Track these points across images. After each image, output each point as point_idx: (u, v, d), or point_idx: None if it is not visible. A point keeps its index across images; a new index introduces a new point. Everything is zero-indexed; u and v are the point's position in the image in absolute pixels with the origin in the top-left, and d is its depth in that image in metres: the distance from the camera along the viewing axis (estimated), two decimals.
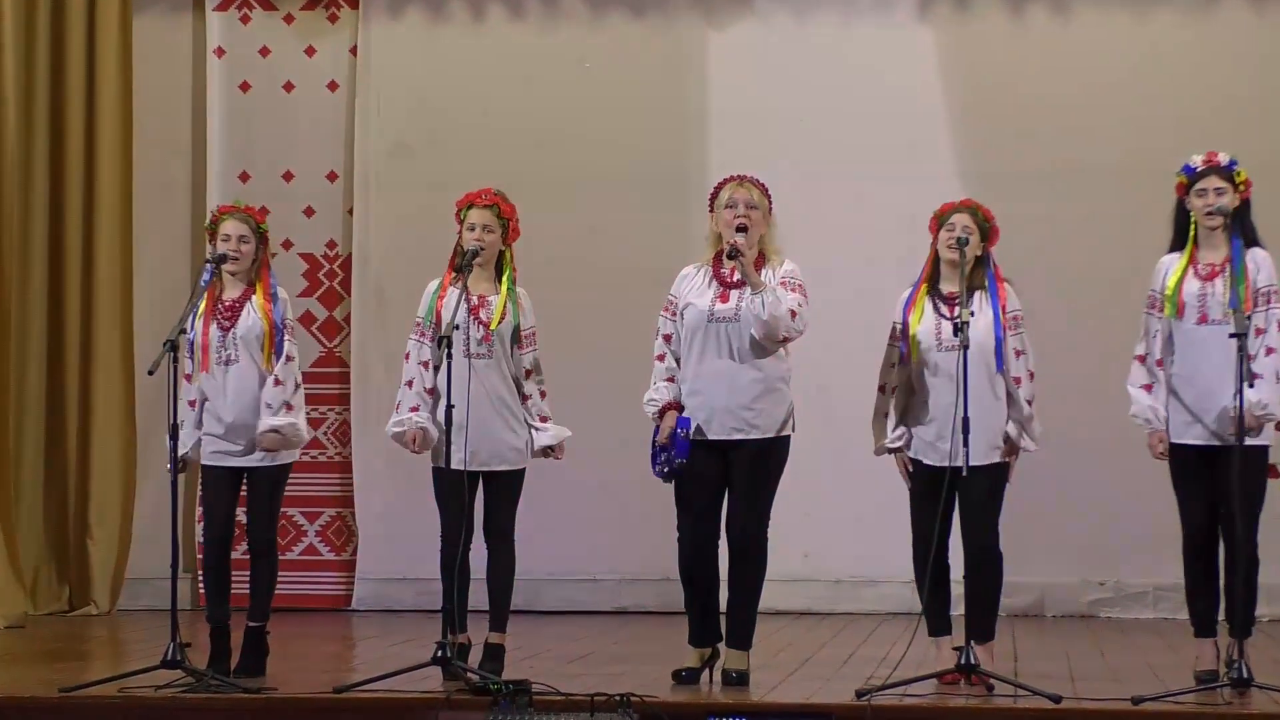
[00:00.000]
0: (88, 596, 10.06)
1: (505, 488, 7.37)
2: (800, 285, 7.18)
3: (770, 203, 7.26)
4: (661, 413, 7.17)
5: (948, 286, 7.17)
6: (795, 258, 7.33)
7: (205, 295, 7.42)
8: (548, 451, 7.52)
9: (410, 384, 7.39)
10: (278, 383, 7.35)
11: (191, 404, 7.42)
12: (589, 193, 10.03)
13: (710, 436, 7.12)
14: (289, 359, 7.39)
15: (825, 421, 9.13)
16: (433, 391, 7.33)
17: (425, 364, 7.34)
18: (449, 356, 7.03)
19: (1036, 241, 9.53)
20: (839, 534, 9.77)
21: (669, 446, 7.09)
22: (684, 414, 7.13)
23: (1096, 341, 9.44)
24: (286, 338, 7.41)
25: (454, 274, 7.40)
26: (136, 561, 10.06)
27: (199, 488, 7.59)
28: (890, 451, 7.25)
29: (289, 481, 7.53)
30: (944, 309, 7.14)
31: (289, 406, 7.36)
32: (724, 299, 7.17)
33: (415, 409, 7.35)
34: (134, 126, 10.20)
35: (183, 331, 7.20)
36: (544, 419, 7.48)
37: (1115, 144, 9.74)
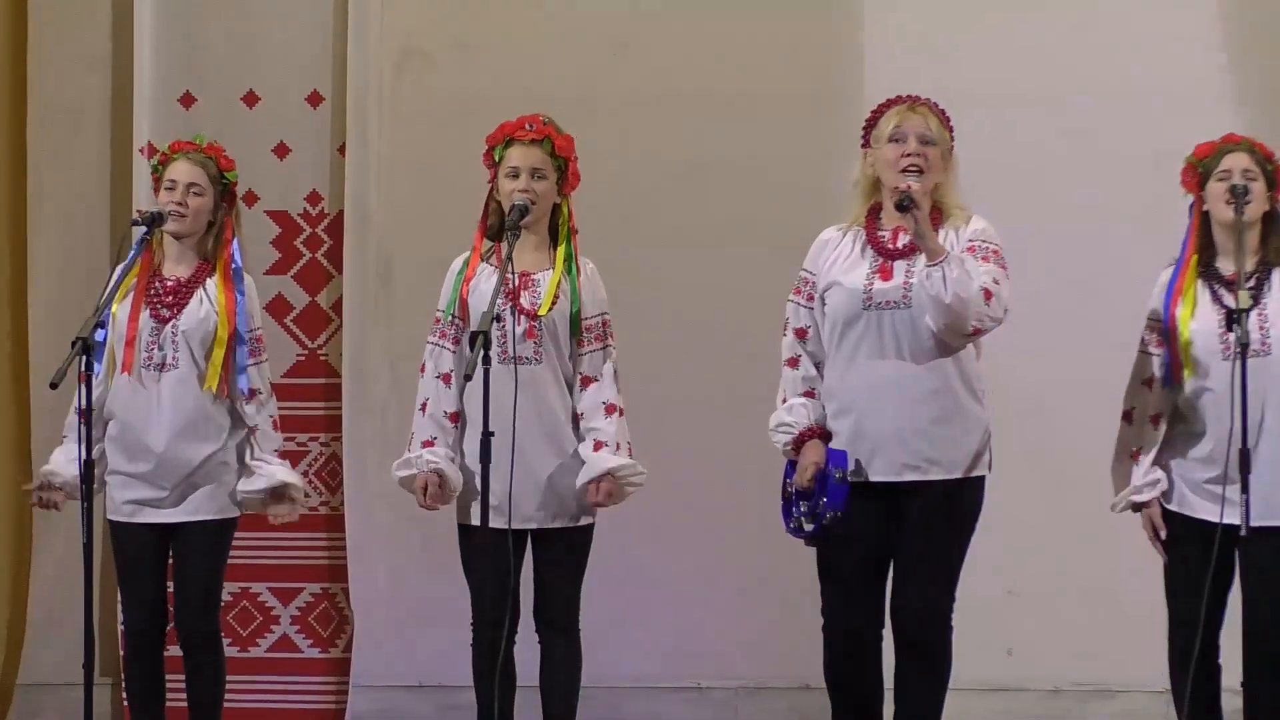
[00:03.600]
0: None
1: (566, 554, 7.43)
2: (997, 251, 7.20)
3: (953, 138, 7.31)
4: (798, 443, 7.18)
5: (1229, 264, 7.19)
6: (987, 217, 7.37)
7: (136, 267, 7.48)
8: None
9: (424, 407, 7.45)
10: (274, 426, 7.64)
11: (81, 414, 7.29)
12: (687, 117, 9.98)
13: (870, 478, 7.14)
14: (271, 395, 7.67)
15: (1035, 457, 9.15)
16: (457, 416, 7.36)
17: (445, 377, 7.39)
18: (485, 361, 6.96)
19: None
20: (1056, 621, 9.71)
21: (813, 493, 7.08)
22: (833, 444, 7.13)
23: None
24: (259, 362, 7.59)
25: (488, 242, 7.49)
26: (33, 660, 10.06)
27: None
28: (1138, 508, 7.28)
29: (251, 545, 7.71)
30: (1228, 298, 7.16)
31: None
32: (885, 275, 7.19)
33: (429, 443, 7.38)
34: (29, 31, 10.27)
35: (99, 325, 7.22)
36: (600, 445, 7.39)
37: None
